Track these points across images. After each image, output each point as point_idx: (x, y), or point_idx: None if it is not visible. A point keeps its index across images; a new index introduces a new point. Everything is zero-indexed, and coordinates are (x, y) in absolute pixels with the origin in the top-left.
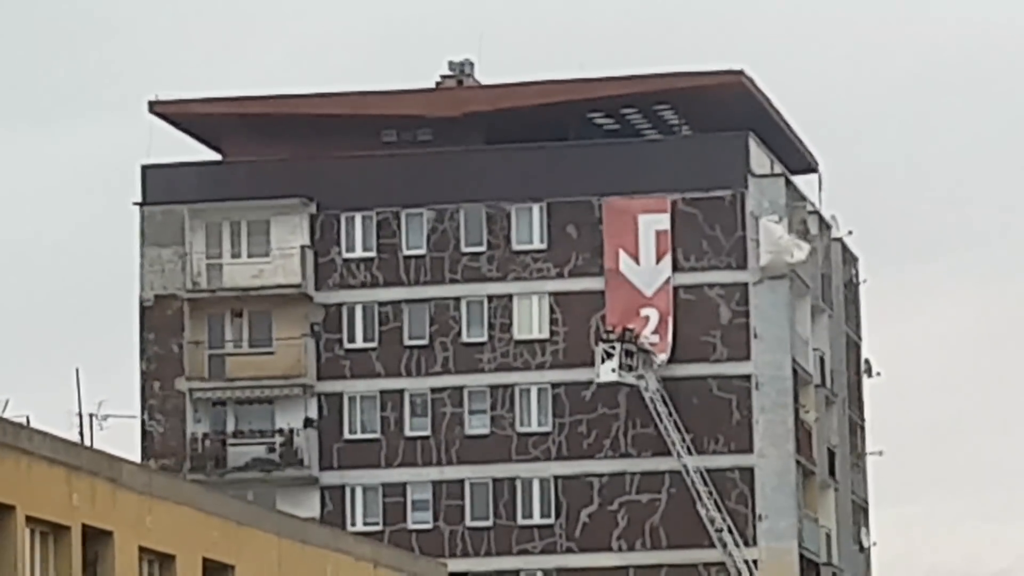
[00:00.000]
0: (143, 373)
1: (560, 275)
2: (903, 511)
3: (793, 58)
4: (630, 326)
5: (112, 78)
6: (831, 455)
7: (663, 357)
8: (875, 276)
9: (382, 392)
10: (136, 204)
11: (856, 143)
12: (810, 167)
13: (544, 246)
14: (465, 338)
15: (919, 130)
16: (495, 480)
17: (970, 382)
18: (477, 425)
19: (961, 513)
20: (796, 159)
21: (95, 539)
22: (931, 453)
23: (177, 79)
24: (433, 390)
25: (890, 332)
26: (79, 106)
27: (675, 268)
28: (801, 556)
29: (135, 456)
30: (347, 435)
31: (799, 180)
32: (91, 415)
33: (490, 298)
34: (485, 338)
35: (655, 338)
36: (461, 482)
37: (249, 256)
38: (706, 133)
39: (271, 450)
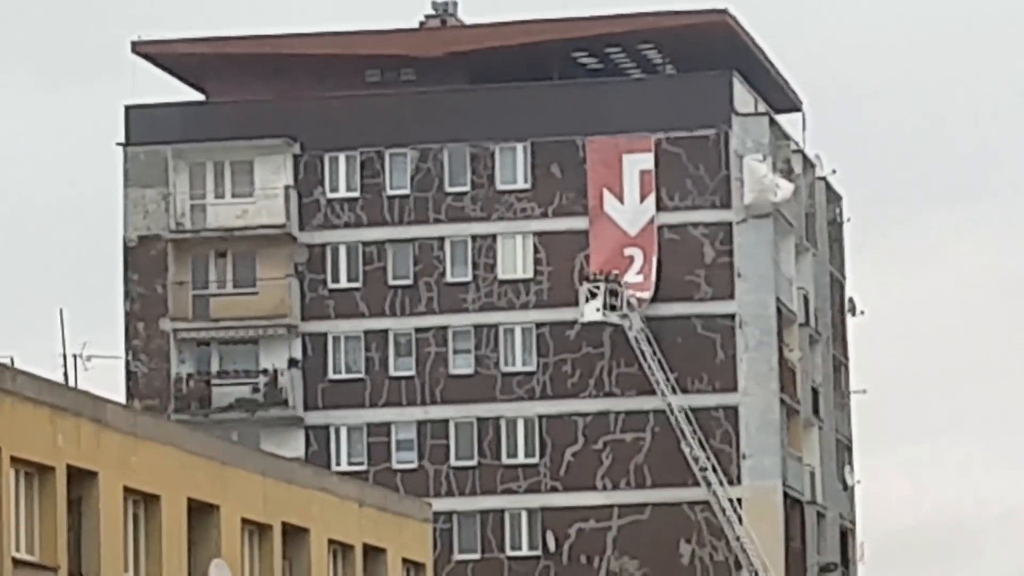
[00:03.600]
0: (127, 314)
1: (544, 215)
2: (903, 452)
3: None
4: (614, 270)
5: (95, 18)
6: (815, 394)
7: (647, 296)
8: (859, 215)
9: (366, 332)
10: (119, 145)
11: (840, 82)
12: (794, 106)
13: (528, 186)
14: (449, 278)
15: (902, 69)
16: (479, 419)
17: (959, 319)
18: (461, 365)
19: (962, 456)
20: (780, 98)
21: (79, 480)
22: (923, 393)
23: (160, 19)
24: (417, 330)
25: (873, 271)
26: (62, 47)
27: (659, 207)
28: (785, 494)
29: (119, 397)
30: (331, 375)
31: (783, 119)
32: (75, 356)
33: (474, 238)
34: (469, 278)
35: (639, 278)
36: (445, 422)
37: (233, 196)
38: (690, 72)
39: (255, 390)
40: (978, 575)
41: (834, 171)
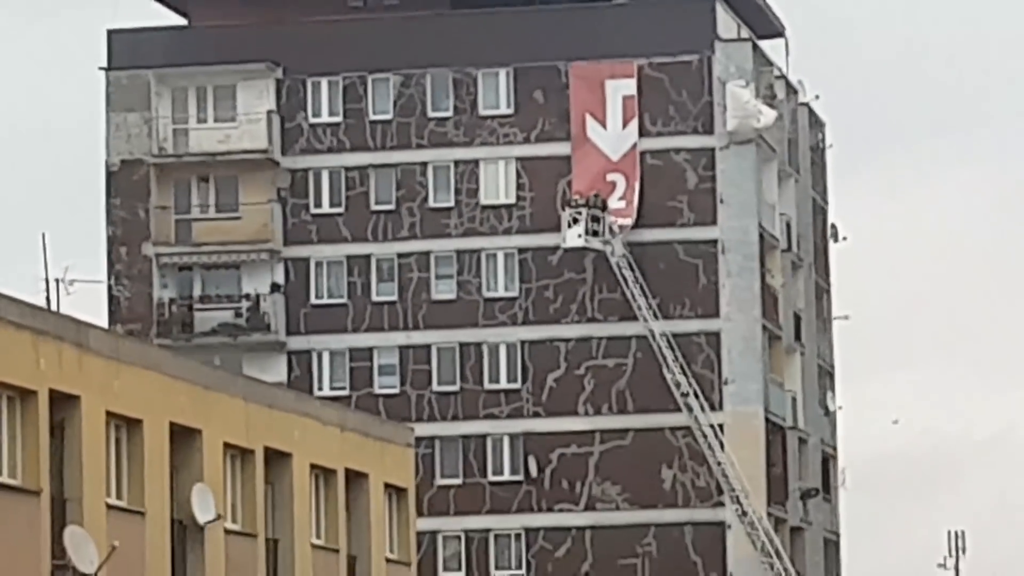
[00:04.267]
0: (109, 238)
1: (527, 140)
2: (887, 379)
3: None
4: (596, 192)
5: None
6: (797, 319)
7: (629, 222)
8: (841, 141)
9: (349, 257)
10: (102, 69)
11: (823, 8)
12: (777, 32)
13: (511, 111)
14: (432, 203)
15: None
16: (462, 345)
17: (943, 245)
18: (444, 290)
19: (946, 382)
20: (763, 24)
21: (62, 404)
22: (907, 320)
23: None
24: (400, 255)
25: (857, 198)
26: None
27: (642, 133)
28: (767, 420)
29: (102, 321)
30: (314, 300)
31: (766, 45)
32: (57, 280)
33: (456, 163)
34: (452, 203)
35: (621, 204)
36: (428, 347)
37: (216, 121)
38: None
39: (238, 315)
40: (962, 501)
41: (817, 97)
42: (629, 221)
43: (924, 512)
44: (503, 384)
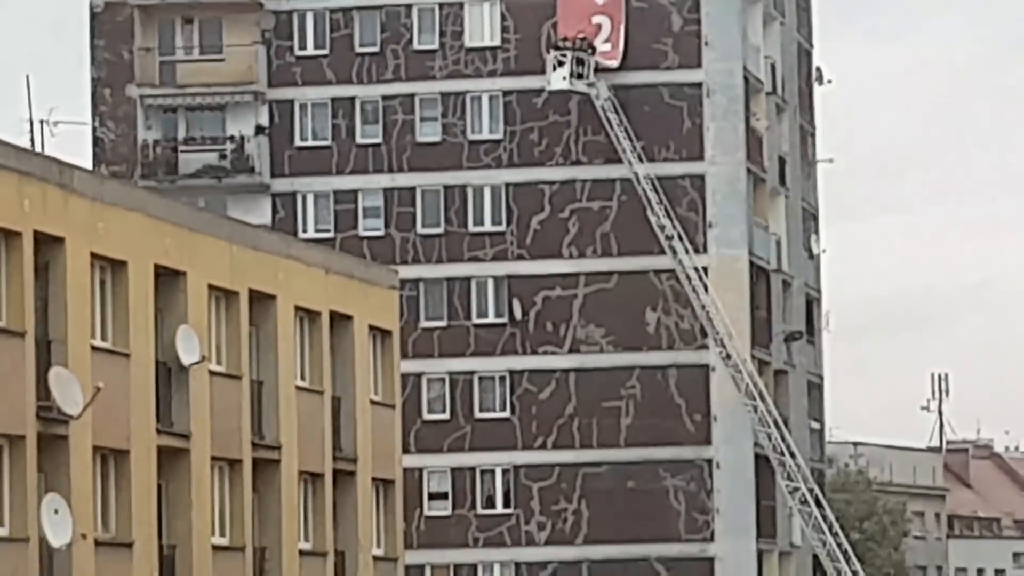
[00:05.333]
0: (94, 80)
1: None
2: (877, 222)
3: None
4: (582, 34)
5: None
6: (782, 162)
7: (614, 65)
8: None
9: (333, 99)
10: None
11: None
12: None
13: None
14: (416, 45)
15: None
16: (446, 187)
17: (934, 89)
18: (428, 132)
19: (937, 226)
20: None
21: (47, 245)
22: (896, 163)
23: None
24: (384, 97)
25: (844, 41)
26: None
27: None
28: (751, 263)
29: (86, 163)
30: (298, 142)
31: None
32: (42, 122)
33: (441, 5)
34: (436, 45)
35: (606, 46)
36: (412, 189)
37: None
38: None
39: (222, 157)
40: (951, 344)
41: None
42: (614, 64)
43: (909, 356)
44: (487, 227)
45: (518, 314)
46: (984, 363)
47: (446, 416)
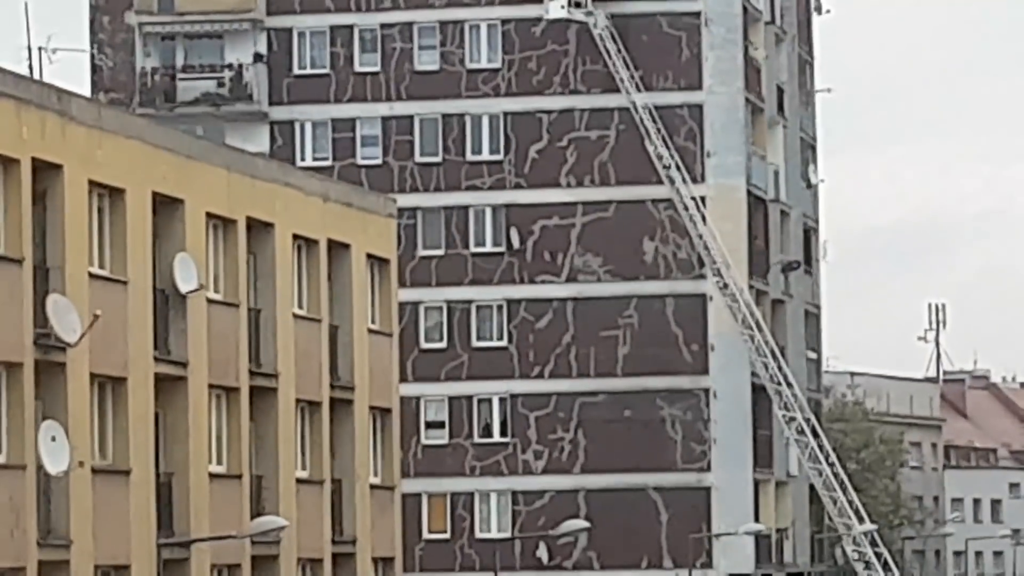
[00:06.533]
0: (92, 7)
1: None
2: (878, 152)
3: None
4: None
5: None
6: (780, 92)
7: None
8: None
9: (332, 27)
10: None
11: None
12: None
13: None
14: None
15: None
16: (444, 116)
17: (935, 19)
18: (427, 61)
19: (938, 156)
20: None
21: (45, 173)
22: (896, 93)
23: None
24: (383, 25)
25: None
26: None
27: None
28: (749, 192)
29: (84, 90)
30: (296, 70)
31: None
32: (40, 49)
33: None
34: None
35: None
36: (410, 118)
37: None
38: None
39: (220, 85)
40: (953, 274)
41: None
42: None
43: (907, 286)
44: (485, 155)
45: (516, 243)
46: (982, 294)
47: (443, 345)
